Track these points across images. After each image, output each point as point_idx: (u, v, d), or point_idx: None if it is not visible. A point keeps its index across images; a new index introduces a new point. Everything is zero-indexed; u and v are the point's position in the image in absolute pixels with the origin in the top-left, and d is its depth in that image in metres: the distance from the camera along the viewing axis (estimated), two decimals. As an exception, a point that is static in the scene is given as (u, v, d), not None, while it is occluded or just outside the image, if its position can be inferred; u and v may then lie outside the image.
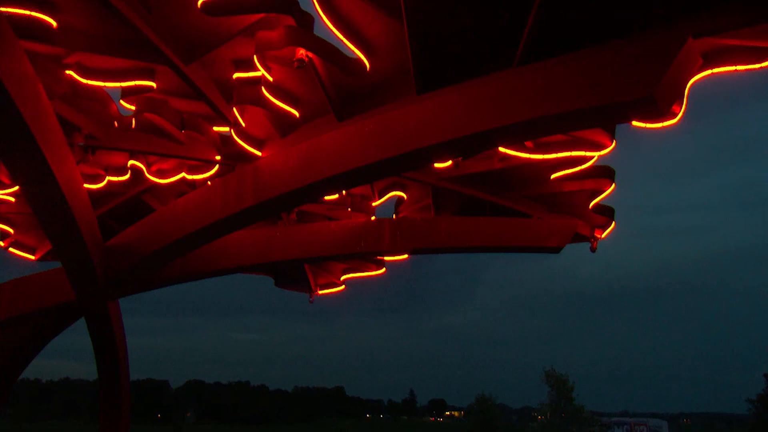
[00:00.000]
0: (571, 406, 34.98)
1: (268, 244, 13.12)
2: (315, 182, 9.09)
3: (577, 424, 34.48)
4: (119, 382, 15.40)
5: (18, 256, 14.18)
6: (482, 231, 12.77)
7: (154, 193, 12.91)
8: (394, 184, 12.99)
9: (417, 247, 12.99)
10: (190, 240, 10.96)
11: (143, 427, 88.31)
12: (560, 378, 35.47)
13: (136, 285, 13.40)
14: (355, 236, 12.90)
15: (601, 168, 11.20)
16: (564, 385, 35.24)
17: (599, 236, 13.25)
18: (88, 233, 10.83)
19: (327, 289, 17.63)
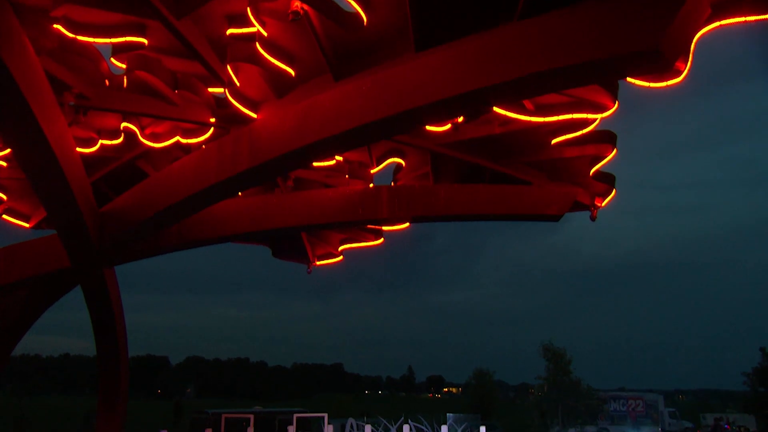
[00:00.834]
0: (568, 379, 35.40)
1: (264, 211, 13.03)
2: (312, 144, 8.95)
3: (573, 397, 34.93)
4: (117, 353, 15.46)
5: (12, 223, 14.10)
6: (481, 198, 12.68)
7: (149, 158, 12.77)
8: (392, 150, 12.85)
9: (415, 215, 12.91)
10: (185, 205, 10.85)
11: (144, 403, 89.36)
12: (558, 352, 35.83)
13: (132, 253, 13.36)
14: (353, 204, 12.81)
15: (602, 132, 11.07)
16: (561, 358, 35.59)
17: (599, 205, 13.16)
18: (82, 198, 10.72)
19: (325, 259, 17.61)
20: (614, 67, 6.75)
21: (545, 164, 12.41)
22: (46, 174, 9.77)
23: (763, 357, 36.82)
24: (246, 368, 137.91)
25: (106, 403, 16.58)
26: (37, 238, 13.34)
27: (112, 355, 16.07)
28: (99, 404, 16.97)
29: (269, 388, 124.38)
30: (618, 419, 39.71)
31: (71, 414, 47.70)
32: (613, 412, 39.79)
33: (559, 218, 12.90)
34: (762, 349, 36.69)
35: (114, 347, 15.62)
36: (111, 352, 16.09)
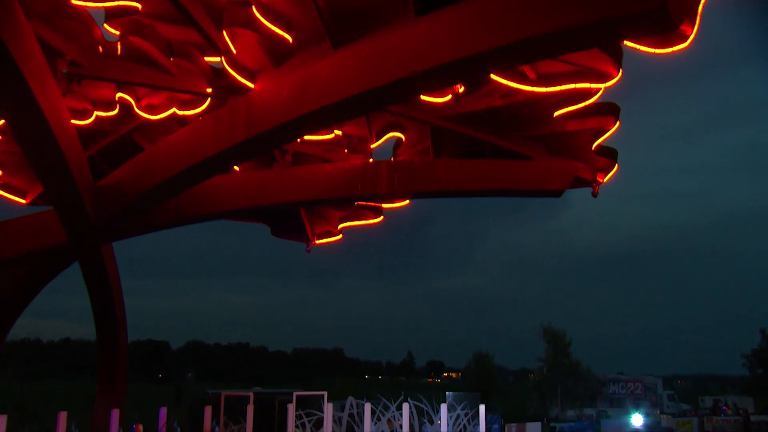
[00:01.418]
0: (568, 361, 35.59)
1: (262, 186, 12.93)
2: (310, 113, 8.83)
3: (573, 378, 35.14)
4: (116, 331, 15.44)
5: (8, 199, 14.00)
6: (482, 173, 12.57)
7: (145, 132, 12.63)
8: (392, 124, 12.71)
9: (415, 190, 12.82)
10: (182, 178, 10.75)
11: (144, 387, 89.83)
12: (557, 333, 35.99)
13: (128, 229, 13.28)
14: (352, 179, 12.70)
15: (605, 104, 10.93)
16: (561, 340, 35.76)
17: (601, 180, 13.05)
18: (77, 171, 10.62)
19: (324, 238, 17.53)
20: (620, 27, 6.61)
21: (547, 139, 12.27)
22: (40, 145, 9.66)
23: (762, 338, 36.94)
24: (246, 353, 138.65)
25: (106, 382, 16.61)
26: (33, 213, 13.26)
27: (111, 333, 16.06)
28: (99, 383, 17.01)
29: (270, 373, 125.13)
30: (617, 402, 39.95)
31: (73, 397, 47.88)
32: (612, 395, 40.03)
33: (560, 194, 12.80)
34: (762, 330, 36.79)
35: (113, 325, 15.61)
36: (110, 329, 16.08)
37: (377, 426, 17.22)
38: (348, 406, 17.43)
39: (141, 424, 11.70)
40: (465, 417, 17.56)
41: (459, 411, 17.61)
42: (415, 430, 17.28)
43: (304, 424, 16.95)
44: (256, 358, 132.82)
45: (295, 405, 16.13)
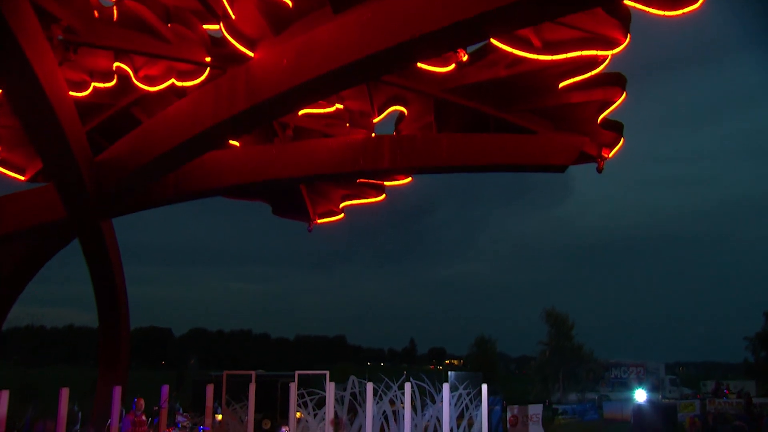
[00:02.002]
0: (570, 344, 35.59)
1: (263, 162, 12.80)
2: (310, 80, 8.69)
3: (575, 361, 35.16)
4: (118, 310, 15.43)
5: (7, 176, 13.91)
6: (486, 148, 12.41)
7: (143, 106, 12.49)
8: (394, 98, 12.54)
9: (418, 165, 12.67)
10: (181, 151, 10.64)
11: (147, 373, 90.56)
12: (560, 317, 35.95)
13: (128, 204, 13.19)
14: (354, 154, 12.57)
15: (611, 75, 10.74)
16: (564, 324, 35.71)
17: (606, 156, 12.89)
18: (76, 144, 10.52)
19: (326, 217, 17.43)
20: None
21: (551, 112, 12.11)
22: (37, 114, 9.55)
23: (766, 322, 36.89)
24: (249, 340, 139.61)
25: (108, 363, 16.64)
26: (32, 188, 13.18)
27: (112, 312, 16.06)
28: (101, 363, 17.04)
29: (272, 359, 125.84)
30: (619, 386, 40.06)
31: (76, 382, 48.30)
32: (614, 379, 40.14)
33: (564, 169, 12.66)
34: (765, 313, 36.68)
35: (114, 304, 15.60)
36: (111, 309, 16.08)
37: (379, 405, 17.24)
38: (350, 386, 17.44)
39: (142, 398, 11.68)
40: (467, 396, 17.57)
41: (461, 390, 17.62)
42: (418, 410, 17.30)
43: (306, 403, 16.98)
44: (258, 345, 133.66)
45: (297, 384, 16.12)
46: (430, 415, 17.17)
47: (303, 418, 17.58)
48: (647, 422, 11.47)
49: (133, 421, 11.20)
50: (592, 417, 24.92)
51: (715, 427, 19.32)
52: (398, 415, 16.95)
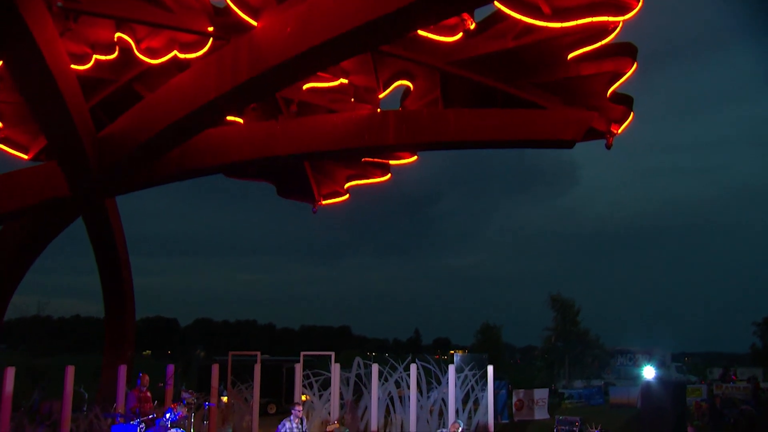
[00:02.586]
0: (576, 329, 35.37)
1: (267, 138, 12.67)
2: (314, 47, 8.54)
3: (581, 346, 34.97)
4: (122, 290, 15.39)
5: (10, 155, 13.85)
6: (493, 123, 12.22)
7: (146, 82, 12.35)
8: (400, 72, 12.36)
9: (423, 140, 12.52)
10: (185, 124, 10.52)
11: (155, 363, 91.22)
12: (566, 302, 35.75)
13: (131, 182, 13.10)
14: (359, 129, 12.42)
15: (621, 45, 10.52)
16: (570, 309, 35.52)
17: (615, 131, 12.70)
18: (79, 117, 10.43)
19: (331, 198, 17.32)
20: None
21: (560, 86, 11.90)
22: (39, 87, 9.45)
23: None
24: (254, 330, 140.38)
25: (113, 345, 16.64)
26: (36, 166, 13.11)
27: (117, 293, 16.05)
28: (106, 347, 17.04)
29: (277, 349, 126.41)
30: (625, 373, 39.92)
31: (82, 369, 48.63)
32: (620, 366, 39.96)
33: (573, 144, 12.46)
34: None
35: (119, 284, 15.57)
36: (117, 290, 16.07)
37: (384, 387, 17.20)
38: (355, 367, 17.40)
39: (147, 374, 11.66)
40: (473, 378, 17.51)
41: (467, 372, 17.55)
42: (423, 392, 17.25)
43: (312, 384, 16.96)
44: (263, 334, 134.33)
45: (302, 365, 16.09)
46: (436, 397, 17.13)
47: (309, 400, 17.59)
48: (656, 400, 11.33)
49: (138, 397, 11.17)
50: (598, 402, 24.83)
51: (722, 411, 19.18)
52: (404, 398, 16.91)
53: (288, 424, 10.74)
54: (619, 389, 25.34)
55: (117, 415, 10.69)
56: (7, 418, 11.39)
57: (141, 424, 9.94)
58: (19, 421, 12.47)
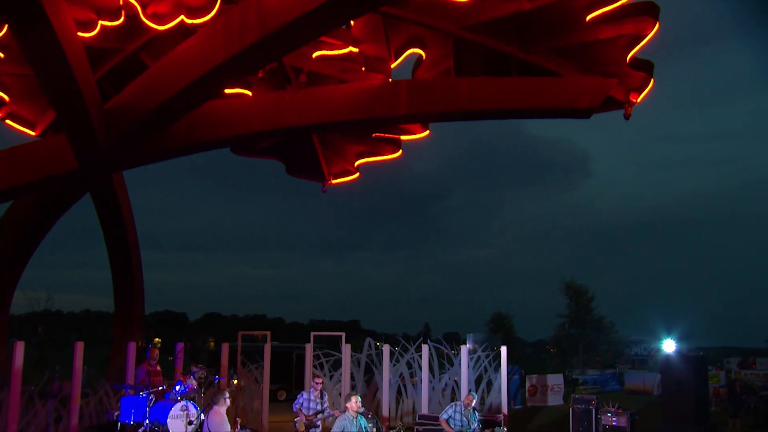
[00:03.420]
0: (591, 316, 34.98)
1: (276, 109, 12.51)
2: (324, 3, 8.36)
3: (595, 333, 34.57)
4: (131, 268, 15.35)
5: (17, 131, 13.82)
6: (507, 91, 11.97)
7: (152, 51, 12.23)
8: (412, 39, 12.13)
9: (436, 110, 12.29)
10: (192, 91, 10.39)
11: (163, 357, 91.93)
12: (580, 289, 35.34)
13: (139, 155, 12.99)
14: (370, 99, 12.22)
15: (641, 4, 10.23)
16: (584, 295, 35.11)
17: (635, 101, 12.40)
18: (86, 86, 10.33)
19: (341, 177, 17.16)
20: None
21: (577, 52, 11.63)
22: (46, 54, 9.36)
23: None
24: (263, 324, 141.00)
25: (123, 326, 16.65)
26: (43, 139, 13.06)
27: (126, 272, 16.04)
28: (115, 325, 17.06)
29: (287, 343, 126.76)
30: (639, 364, 39.58)
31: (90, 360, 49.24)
32: (635, 356, 39.63)
33: (590, 114, 12.18)
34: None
35: (127, 262, 15.54)
36: (125, 268, 16.05)
37: (396, 368, 17.07)
38: (366, 347, 17.29)
39: (157, 348, 11.61)
40: (486, 359, 17.34)
41: (480, 353, 17.39)
42: (435, 373, 17.11)
43: (322, 364, 16.87)
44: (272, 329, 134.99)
45: (312, 344, 16.00)
46: (447, 381, 16.99)
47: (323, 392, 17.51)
48: (677, 375, 11.08)
49: (147, 371, 11.11)
50: (613, 388, 24.62)
51: (742, 396, 18.90)
52: (416, 384, 16.78)
53: (305, 395, 10.64)
54: (635, 375, 25.12)
55: (126, 386, 10.63)
56: (17, 392, 11.40)
57: (150, 395, 9.87)
58: (29, 396, 12.48)
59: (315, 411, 10.40)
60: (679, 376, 10.94)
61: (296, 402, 10.59)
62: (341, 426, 7.98)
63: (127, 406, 10.13)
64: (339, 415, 11.00)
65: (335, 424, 8.10)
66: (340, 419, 8.10)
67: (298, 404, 10.51)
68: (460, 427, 9.93)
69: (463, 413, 10.05)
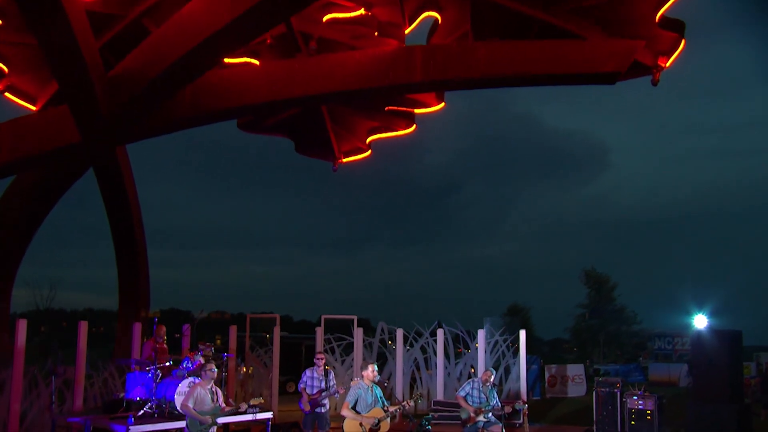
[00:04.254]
0: (612, 307, 34.40)
1: (285, 78, 12.37)
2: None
3: (616, 323, 33.95)
4: (134, 243, 15.31)
5: (17, 105, 13.84)
6: (527, 56, 11.74)
7: (154, 16, 12.16)
8: (427, 2, 11.94)
9: (453, 77, 12.08)
10: (198, 55, 10.29)
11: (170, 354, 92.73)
12: (601, 278, 34.75)
13: (143, 128, 12.94)
14: (383, 67, 12.03)
15: (673, -43, 9.96)
16: (605, 284, 34.55)
17: (663, 65, 12.13)
18: (89, 54, 10.28)
19: (352, 155, 17.07)
20: None
21: (602, 11, 11.39)
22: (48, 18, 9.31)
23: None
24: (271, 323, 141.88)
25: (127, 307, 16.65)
26: (44, 111, 13.05)
27: (129, 251, 16.04)
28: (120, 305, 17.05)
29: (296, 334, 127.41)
30: (662, 358, 39.11)
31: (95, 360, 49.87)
32: (658, 350, 39.14)
33: (615, 79, 11.93)
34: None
35: (131, 241, 15.53)
36: (128, 247, 16.06)
37: (410, 353, 16.96)
38: (379, 331, 17.19)
39: (163, 325, 11.55)
40: (504, 344, 17.17)
41: (497, 337, 17.22)
42: (451, 358, 16.97)
43: (333, 348, 16.80)
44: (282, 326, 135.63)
45: (323, 328, 15.92)
46: (462, 369, 16.85)
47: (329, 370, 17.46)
48: (709, 352, 10.83)
49: (154, 348, 11.04)
50: (636, 379, 24.31)
51: (775, 386, 18.55)
52: (430, 362, 16.64)
53: (309, 373, 10.52)
54: (660, 366, 24.81)
55: (132, 361, 10.59)
56: (20, 371, 11.41)
57: (157, 371, 9.81)
58: (33, 376, 12.51)
59: (319, 389, 10.26)
60: (711, 352, 10.67)
61: (300, 381, 10.47)
62: (356, 395, 7.86)
63: (133, 383, 10.09)
64: (343, 391, 10.91)
65: (349, 393, 7.98)
66: (355, 388, 7.98)
67: (302, 383, 10.40)
68: (479, 404, 9.76)
69: (482, 390, 9.88)
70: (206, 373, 8.08)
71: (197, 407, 7.77)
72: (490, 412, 9.75)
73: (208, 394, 7.92)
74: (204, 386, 7.97)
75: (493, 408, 9.80)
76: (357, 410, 7.84)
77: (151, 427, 8.57)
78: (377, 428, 7.74)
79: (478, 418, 9.69)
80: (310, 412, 10.23)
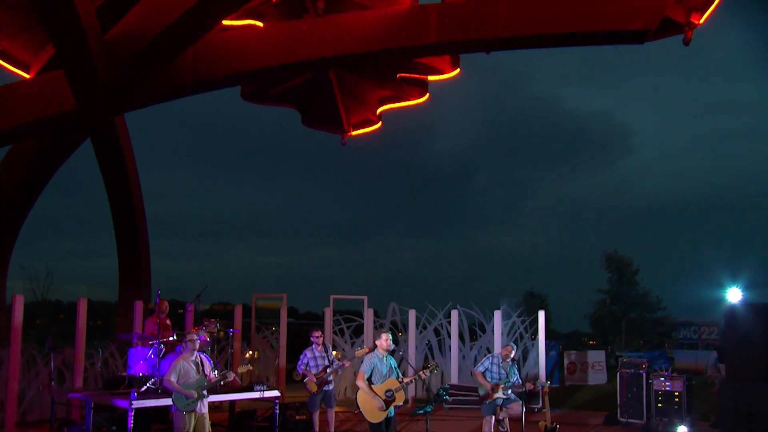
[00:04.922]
0: (635, 291, 34.07)
1: (291, 40, 12.21)
2: None
3: (639, 309, 33.59)
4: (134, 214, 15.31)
5: (10, 72, 13.76)
6: (549, 14, 11.48)
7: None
8: (441, -43, 11.70)
9: (470, 37, 11.86)
10: (198, 13, 10.16)
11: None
12: (623, 261, 34.35)
13: (143, 95, 12.85)
14: (395, 27, 11.85)
15: None
16: (627, 268, 34.16)
17: (696, 22, 11.80)
18: (86, 16, 10.17)
19: (361, 128, 16.91)
20: None
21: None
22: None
23: None
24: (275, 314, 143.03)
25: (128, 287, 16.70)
26: (39, 76, 12.99)
27: (129, 227, 16.05)
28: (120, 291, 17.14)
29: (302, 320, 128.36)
30: (687, 347, 38.88)
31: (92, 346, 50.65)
32: (683, 339, 38.90)
33: (644, 38, 11.66)
34: None
35: (130, 215, 15.53)
36: (127, 222, 16.07)
37: (423, 334, 16.91)
38: (390, 313, 17.15)
39: (166, 300, 11.56)
40: (521, 325, 17.07)
41: (515, 318, 17.12)
42: (466, 340, 16.91)
43: (343, 330, 16.78)
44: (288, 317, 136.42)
45: (332, 308, 15.90)
46: (480, 347, 16.78)
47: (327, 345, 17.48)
48: (742, 327, 10.65)
49: (156, 323, 11.04)
50: (662, 366, 24.11)
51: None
52: (443, 345, 16.58)
53: (309, 353, 10.49)
54: (686, 353, 24.62)
55: (134, 335, 10.59)
56: (17, 348, 11.47)
57: (161, 345, 9.80)
58: (31, 355, 12.59)
59: (323, 366, 10.22)
60: (745, 327, 10.51)
61: (300, 363, 10.42)
62: (371, 365, 7.80)
63: (135, 358, 10.10)
64: (348, 364, 10.84)
65: (364, 363, 7.92)
66: (369, 357, 7.92)
67: (303, 365, 10.36)
68: (498, 380, 9.67)
69: (501, 365, 9.79)
70: (187, 344, 7.93)
71: (181, 380, 7.66)
72: (509, 389, 9.66)
73: (192, 367, 7.80)
74: (187, 359, 7.84)
75: (513, 385, 9.70)
76: (372, 381, 7.79)
77: (154, 402, 8.56)
78: (392, 399, 7.68)
79: (496, 395, 9.60)
80: (318, 392, 10.23)
